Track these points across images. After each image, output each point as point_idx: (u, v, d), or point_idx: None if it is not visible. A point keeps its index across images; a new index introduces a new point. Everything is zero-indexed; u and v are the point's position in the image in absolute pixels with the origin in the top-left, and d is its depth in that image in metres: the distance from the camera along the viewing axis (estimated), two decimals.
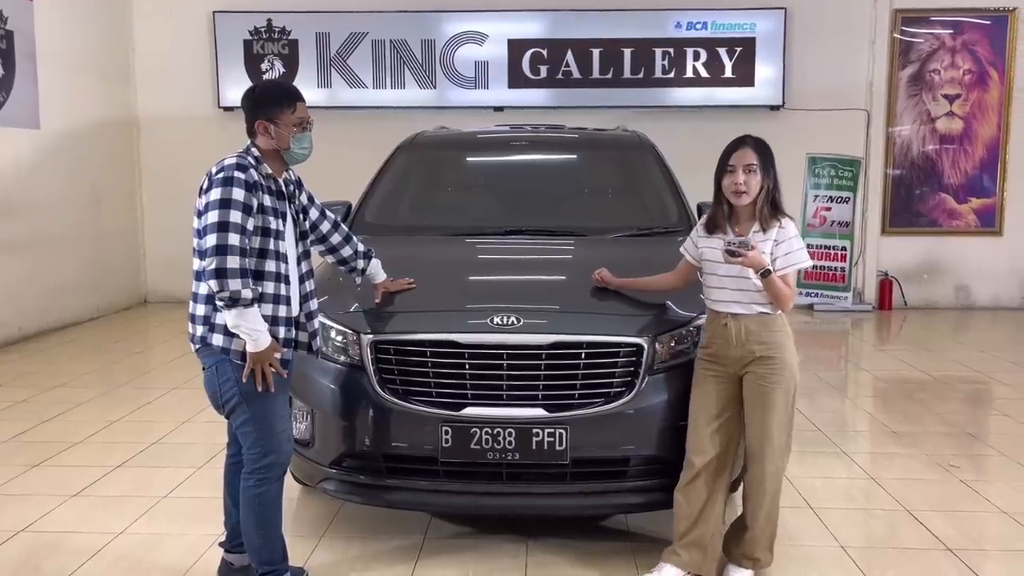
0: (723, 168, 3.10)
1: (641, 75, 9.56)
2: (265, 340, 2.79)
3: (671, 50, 9.53)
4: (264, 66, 9.66)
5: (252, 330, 2.76)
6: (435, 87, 9.68)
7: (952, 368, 6.87)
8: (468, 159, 5.29)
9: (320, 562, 3.39)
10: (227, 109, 9.53)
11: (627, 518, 3.73)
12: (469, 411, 3.17)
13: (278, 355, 2.87)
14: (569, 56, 9.56)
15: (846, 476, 4.41)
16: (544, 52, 9.59)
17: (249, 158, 2.87)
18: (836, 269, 9.55)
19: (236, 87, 9.48)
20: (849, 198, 9.51)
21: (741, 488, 3.22)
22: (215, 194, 2.75)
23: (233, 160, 2.83)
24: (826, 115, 9.54)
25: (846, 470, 4.49)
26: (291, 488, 3.97)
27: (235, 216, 2.73)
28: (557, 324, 3.32)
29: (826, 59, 9.56)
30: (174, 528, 3.70)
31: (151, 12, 9.72)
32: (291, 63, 9.67)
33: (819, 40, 9.53)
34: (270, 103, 2.91)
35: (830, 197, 9.56)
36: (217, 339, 2.83)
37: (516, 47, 9.60)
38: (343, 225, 3.47)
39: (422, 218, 4.69)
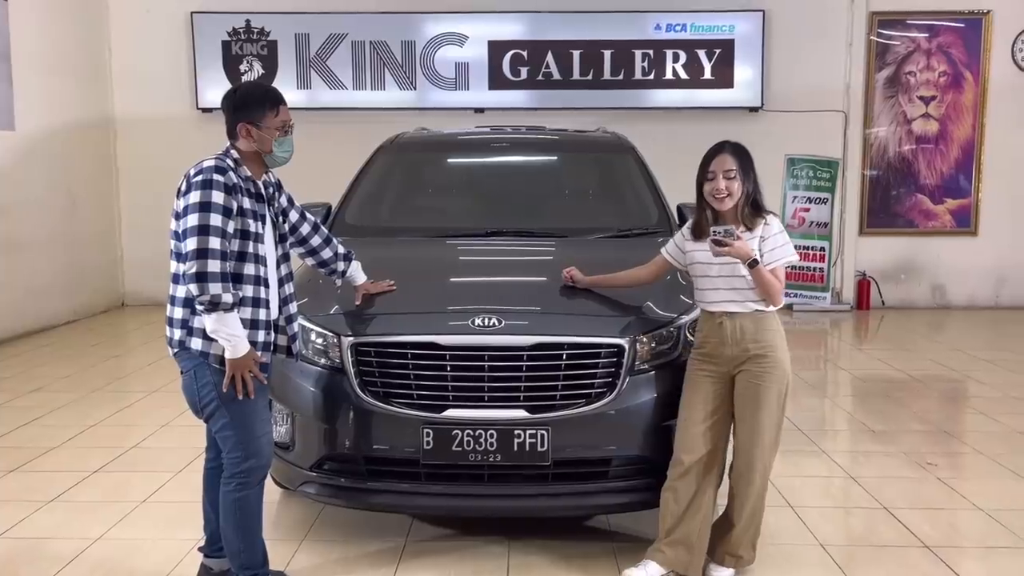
0: (704, 175, 3.16)
1: (621, 77, 9.59)
2: (244, 346, 2.77)
3: (651, 52, 9.56)
4: (243, 67, 9.59)
5: (231, 335, 2.74)
6: (415, 88, 9.66)
7: (929, 367, 6.94)
8: (449, 160, 5.29)
9: (301, 566, 3.37)
10: (205, 110, 9.46)
11: (609, 519, 3.74)
12: (450, 413, 3.17)
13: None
14: (549, 57, 9.57)
15: (825, 475, 4.44)
16: (524, 53, 9.59)
17: (228, 160, 2.84)
18: (815, 269, 9.63)
19: (214, 88, 9.42)
20: (827, 199, 9.59)
21: (727, 486, 3.23)
22: (194, 197, 2.72)
23: (212, 162, 2.80)
24: (804, 117, 9.60)
25: (825, 469, 4.52)
26: (271, 491, 3.94)
27: (215, 219, 2.70)
28: (539, 325, 3.32)
29: (804, 61, 9.63)
30: (153, 533, 3.67)
31: (128, 12, 9.63)
32: (270, 64, 9.61)
33: (797, 42, 9.60)
34: (252, 106, 2.88)
35: (808, 198, 9.63)
36: (195, 343, 2.81)
37: (496, 48, 9.60)
38: (323, 227, 3.45)
39: (403, 220, 4.68)
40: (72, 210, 8.98)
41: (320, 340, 3.34)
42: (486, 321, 3.24)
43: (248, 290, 2.83)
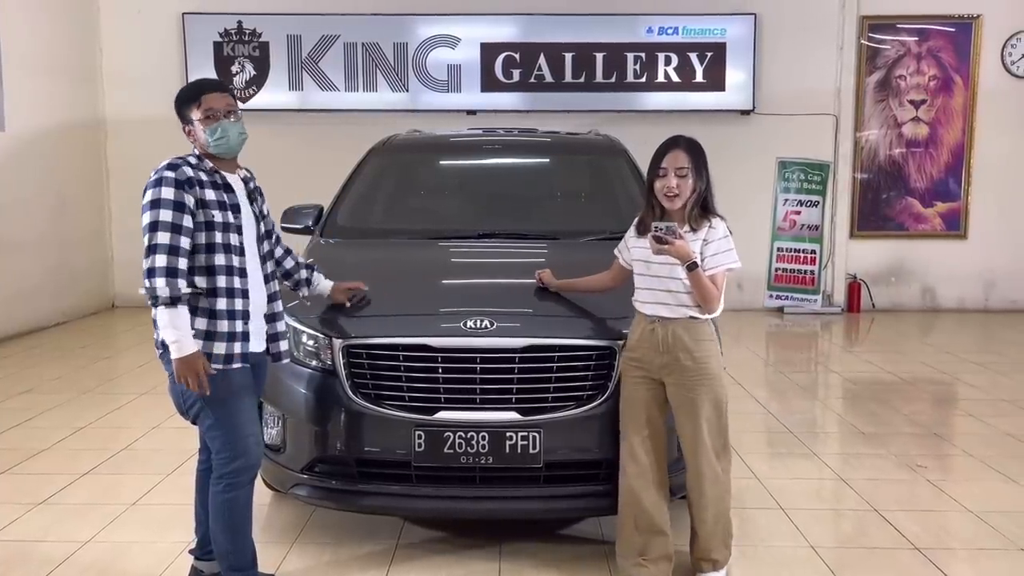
0: (655, 170, 3.09)
1: (613, 79, 9.61)
2: (189, 346, 2.72)
3: (643, 55, 9.59)
4: (234, 68, 9.58)
5: (175, 333, 2.70)
6: (407, 90, 9.66)
7: (919, 369, 6.97)
8: (441, 162, 5.29)
9: (292, 569, 3.36)
10: None
11: (600, 521, 3.74)
12: (442, 415, 3.17)
13: (231, 365, 2.81)
14: (542, 60, 9.58)
15: (816, 477, 4.46)
16: (517, 56, 9.60)
17: (190, 158, 2.86)
18: (806, 272, 9.66)
19: None
20: (818, 202, 9.63)
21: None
22: (147, 196, 2.75)
23: (166, 161, 2.82)
24: (795, 120, 9.64)
25: (816, 471, 4.54)
26: (262, 494, 3.94)
27: (165, 215, 2.70)
28: (530, 327, 3.32)
29: (795, 64, 9.66)
30: (143, 536, 3.65)
31: (119, 13, 9.59)
32: (262, 65, 9.60)
33: (788, 46, 9.64)
34: (180, 107, 2.91)
35: (799, 201, 9.66)
36: None
37: (489, 51, 9.60)
38: (282, 240, 3.35)
39: (395, 221, 4.68)
40: (62, 211, 8.94)
41: (311, 342, 3.34)
42: (478, 323, 3.24)
43: (221, 280, 2.81)
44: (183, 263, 2.72)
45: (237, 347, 2.85)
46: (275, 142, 9.52)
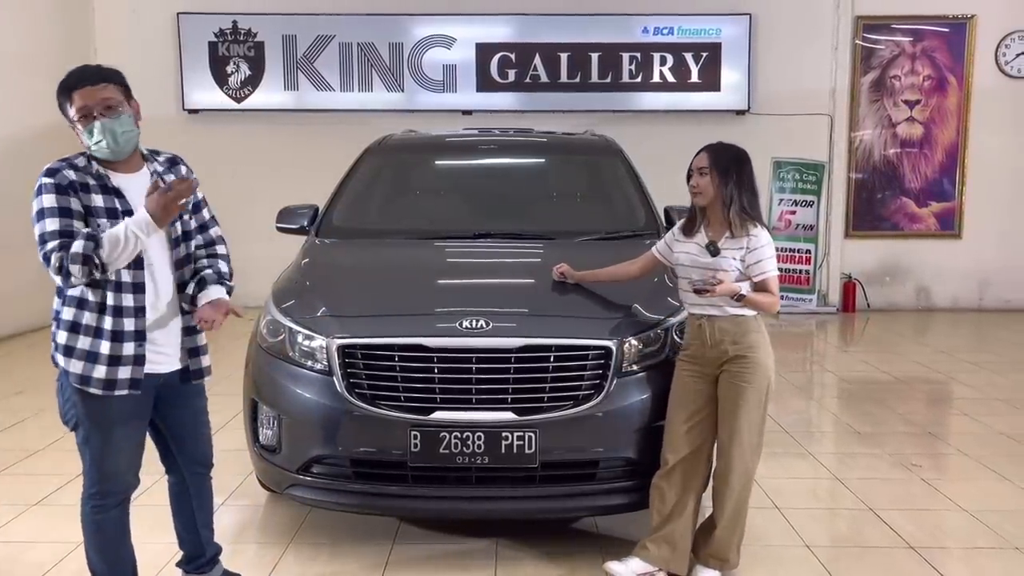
0: (688, 172, 3.24)
1: (609, 79, 9.61)
2: (142, 214, 2.47)
3: (638, 55, 9.60)
4: (229, 68, 9.55)
5: (133, 230, 2.45)
6: (403, 90, 9.65)
7: (914, 369, 6.99)
8: (436, 162, 5.28)
9: (288, 569, 3.36)
10: (192, 112, 9.40)
11: (597, 521, 3.74)
12: (438, 415, 3.16)
13: (114, 392, 2.57)
14: (537, 60, 9.59)
15: (812, 476, 4.46)
16: (512, 56, 9.60)
17: (77, 159, 2.63)
18: (801, 272, 9.67)
19: (201, 90, 9.38)
20: (813, 202, 9.64)
21: (711, 487, 3.24)
22: (33, 206, 2.55)
23: (48, 165, 2.59)
24: (790, 120, 9.65)
25: (811, 470, 4.55)
26: (258, 494, 3.95)
27: (51, 224, 2.49)
28: (526, 327, 3.32)
29: (790, 65, 9.68)
30: (136, 537, 3.59)
31: (114, 13, 9.56)
32: (257, 65, 9.57)
33: (783, 46, 9.66)
34: (59, 104, 2.63)
35: (795, 201, 9.68)
36: (59, 359, 2.60)
37: (484, 51, 9.60)
38: (221, 247, 2.91)
39: (390, 221, 4.67)
40: None
41: (307, 342, 3.33)
42: (473, 323, 3.24)
43: (109, 298, 2.54)
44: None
45: (123, 372, 2.57)
46: (270, 142, 9.53)
